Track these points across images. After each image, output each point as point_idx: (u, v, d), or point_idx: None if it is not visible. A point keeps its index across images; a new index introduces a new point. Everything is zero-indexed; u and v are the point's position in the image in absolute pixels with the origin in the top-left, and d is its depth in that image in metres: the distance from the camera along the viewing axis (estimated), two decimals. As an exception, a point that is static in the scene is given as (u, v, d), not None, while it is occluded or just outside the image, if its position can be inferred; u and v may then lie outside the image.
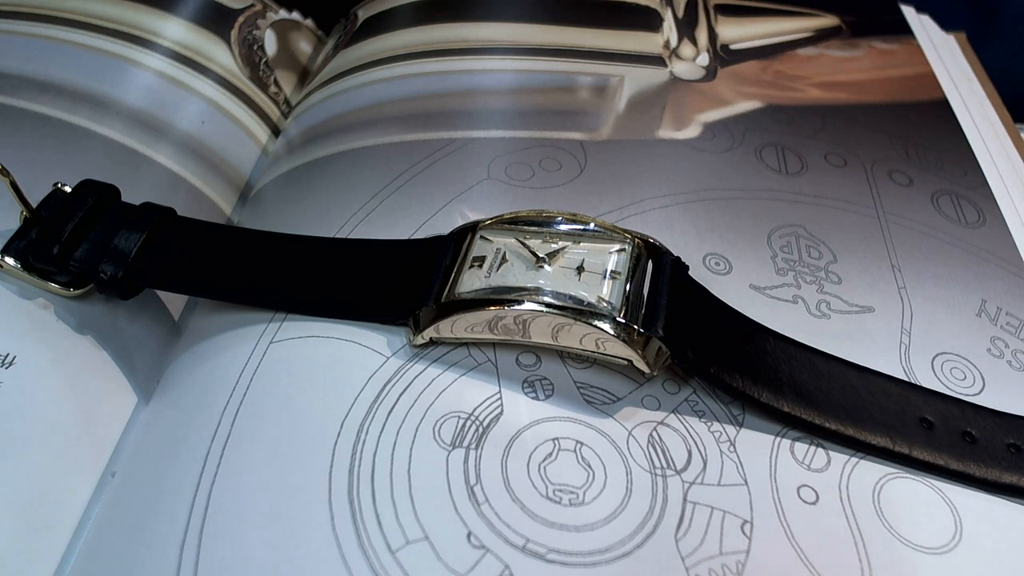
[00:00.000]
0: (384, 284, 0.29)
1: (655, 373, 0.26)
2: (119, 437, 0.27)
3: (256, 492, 0.24)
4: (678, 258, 0.28)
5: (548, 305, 0.25)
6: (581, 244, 0.27)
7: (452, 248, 0.28)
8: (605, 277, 0.26)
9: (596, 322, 0.25)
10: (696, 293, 0.28)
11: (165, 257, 0.29)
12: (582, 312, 0.25)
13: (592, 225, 0.28)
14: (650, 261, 0.27)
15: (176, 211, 0.31)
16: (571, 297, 0.26)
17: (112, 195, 0.31)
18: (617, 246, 0.27)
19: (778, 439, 0.26)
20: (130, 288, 0.29)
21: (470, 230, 0.29)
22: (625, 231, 0.28)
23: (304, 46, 0.48)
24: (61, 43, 0.40)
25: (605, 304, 0.26)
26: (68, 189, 0.31)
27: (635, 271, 0.27)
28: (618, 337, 0.25)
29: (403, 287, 0.28)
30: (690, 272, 0.28)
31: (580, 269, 0.27)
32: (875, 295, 0.31)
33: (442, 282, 0.27)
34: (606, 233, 0.28)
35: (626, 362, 0.26)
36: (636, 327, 0.25)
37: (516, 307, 0.25)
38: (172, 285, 0.30)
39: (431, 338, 0.27)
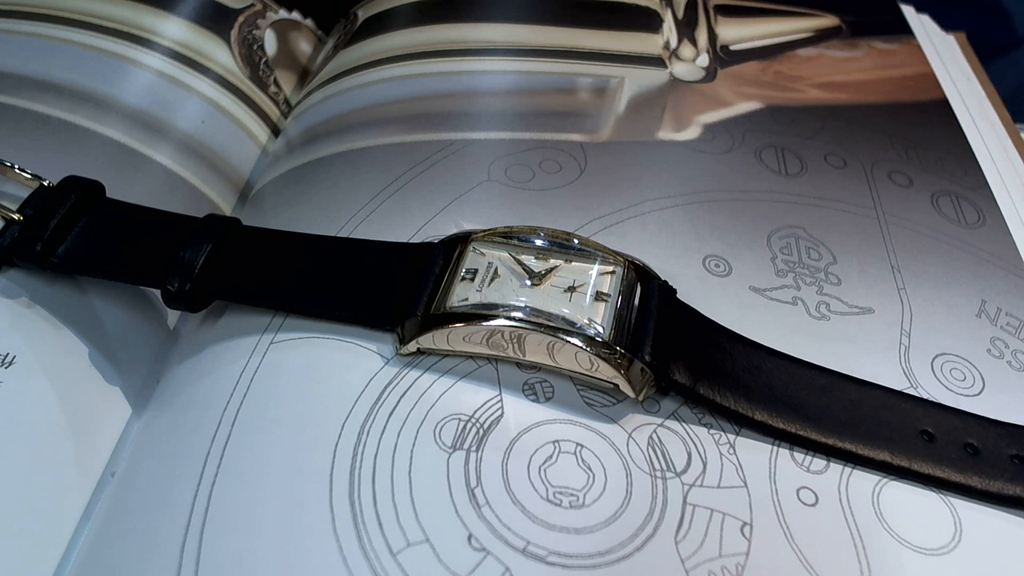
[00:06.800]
0: (371, 288, 0.29)
1: (641, 399, 0.26)
2: (119, 437, 0.27)
3: (257, 493, 0.24)
4: (666, 282, 0.28)
5: (534, 322, 0.25)
6: (573, 264, 0.27)
7: (442, 258, 0.28)
8: (595, 299, 0.26)
9: (580, 341, 0.25)
10: (686, 315, 0.28)
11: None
12: (569, 331, 0.25)
13: (585, 246, 0.28)
14: (639, 284, 0.27)
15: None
16: (559, 316, 0.26)
17: (96, 191, 0.30)
18: (608, 268, 0.27)
19: (777, 441, 0.26)
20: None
21: (461, 240, 0.28)
22: (617, 253, 0.28)
23: (304, 46, 0.48)
24: (61, 43, 0.40)
25: (593, 325, 0.26)
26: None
27: (624, 294, 0.27)
28: (603, 358, 0.25)
29: (390, 293, 0.28)
30: (690, 273, 0.28)
31: (571, 289, 0.27)
32: (875, 296, 0.31)
33: (431, 292, 0.27)
34: (598, 255, 0.28)
35: (613, 385, 0.26)
36: (621, 350, 0.25)
37: (501, 322, 0.25)
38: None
39: (418, 348, 0.27)
